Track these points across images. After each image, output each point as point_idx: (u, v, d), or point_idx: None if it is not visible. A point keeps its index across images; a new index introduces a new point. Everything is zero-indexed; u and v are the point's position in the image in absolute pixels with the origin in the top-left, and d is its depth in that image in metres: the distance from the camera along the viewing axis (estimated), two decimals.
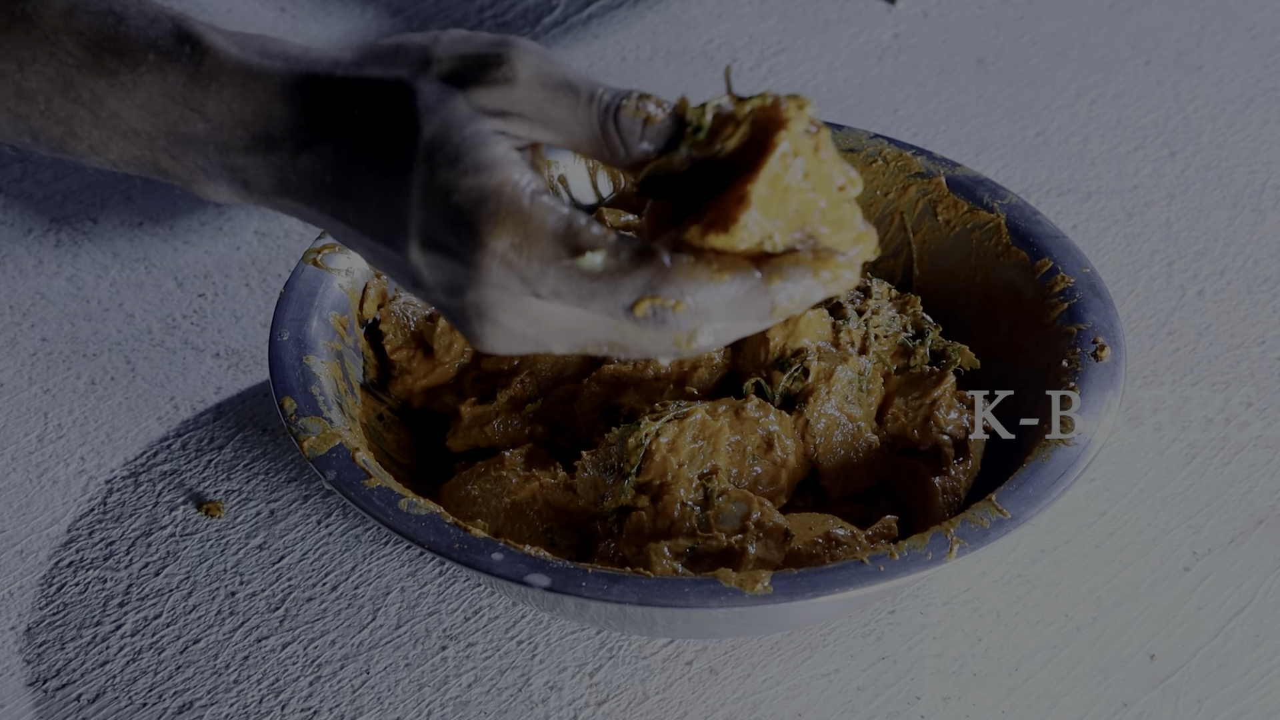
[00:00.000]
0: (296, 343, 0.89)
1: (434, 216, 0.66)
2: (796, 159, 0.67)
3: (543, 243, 0.66)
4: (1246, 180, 1.17)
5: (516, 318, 0.67)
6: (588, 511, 0.86)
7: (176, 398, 1.01)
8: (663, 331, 0.67)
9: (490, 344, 0.69)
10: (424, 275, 0.68)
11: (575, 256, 0.66)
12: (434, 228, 0.66)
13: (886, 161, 1.01)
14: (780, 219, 0.68)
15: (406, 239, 0.67)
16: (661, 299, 0.66)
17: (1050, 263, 0.95)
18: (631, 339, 0.68)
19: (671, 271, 0.66)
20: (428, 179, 0.66)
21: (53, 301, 1.08)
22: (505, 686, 0.87)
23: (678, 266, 0.66)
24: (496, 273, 0.66)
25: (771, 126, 0.67)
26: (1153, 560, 0.93)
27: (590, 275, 0.66)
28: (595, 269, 0.66)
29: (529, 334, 0.68)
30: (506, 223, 0.65)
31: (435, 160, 0.66)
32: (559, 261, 0.66)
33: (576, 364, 0.94)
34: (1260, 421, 1.00)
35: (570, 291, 0.66)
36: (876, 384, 0.92)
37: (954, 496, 0.88)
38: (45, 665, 0.87)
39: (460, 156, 0.66)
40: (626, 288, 0.66)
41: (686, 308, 0.66)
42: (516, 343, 0.68)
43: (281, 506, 0.95)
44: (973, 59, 1.29)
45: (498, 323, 0.67)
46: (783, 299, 0.68)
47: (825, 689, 0.87)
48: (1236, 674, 0.87)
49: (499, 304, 0.67)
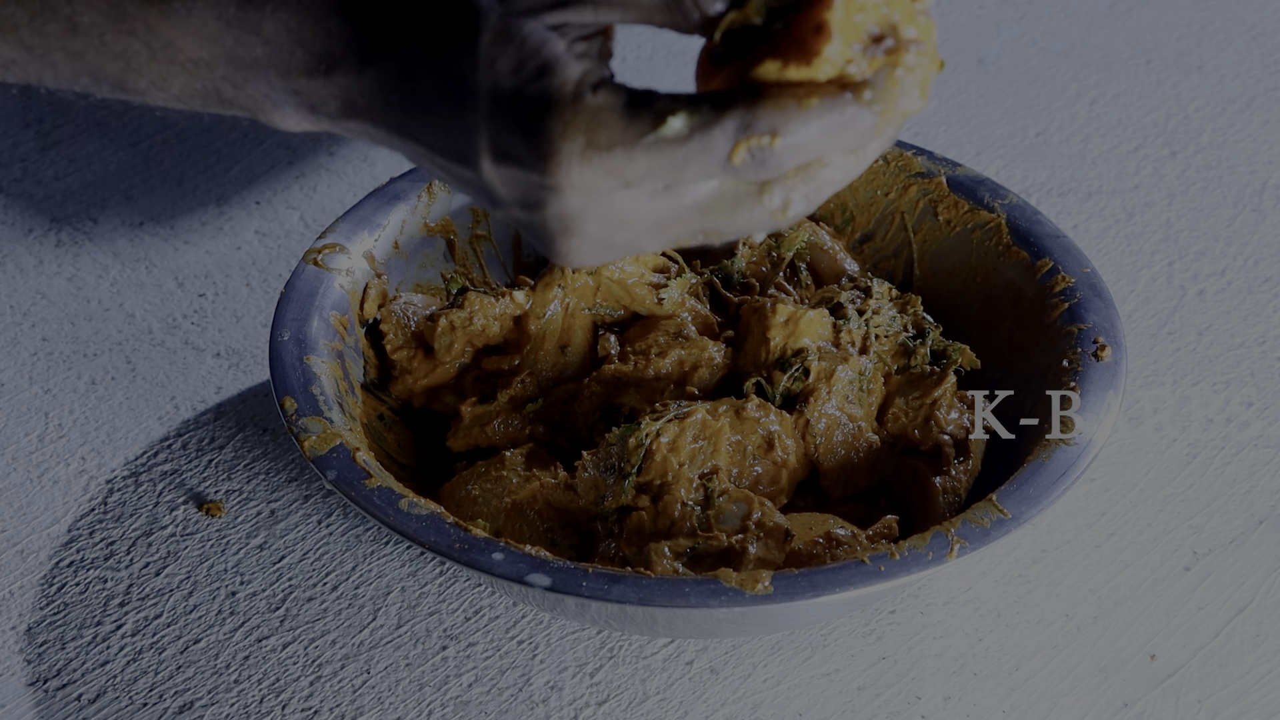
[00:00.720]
0: (297, 342, 0.89)
1: (503, 126, 0.64)
2: None
3: (618, 128, 0.63)
4: (1247, 180, 1.17)
5: (603, 223, 0.65)
6: (588, 511, 0.86)
7: (177, 397, 1.01)
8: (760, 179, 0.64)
9: (579, 257, 0.66)
10: (500, 191, 0.65)
11: (656, 128, 0.63)
12: (504, 139, 0.64)
13: (887, 161, 1.01)
14: (859, 41, 0.65)
15: (478, 154, 0.65)
16: (756, 136, 0.63)
17: (1051, 262, 0.95)
18: (726, 213, 0.65)
19: (758, 107, 0.63)
20: (492, 87, 0.64)
21: (53, 301, 1.08)
22: (506, 686, 0.87)
23: (763, 101, 0.63)
24: (577, 174, 0.63)
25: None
26: (1153, 560, 0.93)
27: (678, 140, 0.63)
28: (681, 133, 0.63)
29: (618, 238, 0.65)
30: (575, 122, 0.63)
31: (498, 67, 0.64)
32: (641, 140, 0.63)
33: (577, 364, 0.94)
34: (1261, 421, 1.00)
35: (663, 165, 0.63)
36: (877, 384, 0.92)
37: (954, 496, 0.88)
38: (46, 665, 0.87)
39: (523, 61, 0.64)
40: (719, 138, 0.63)
41: (782, 143, 0.63)
42: (606, 250, 0.66)
43: (282, 506, 0.95)
44: (973, 59, 1.29)
45: (584, 234, 0.65)
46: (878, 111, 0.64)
47: (826, 689, 0.87)
48: (1237, 674, 0.87)
49: (582, 212, 0.64)
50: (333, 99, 0.68)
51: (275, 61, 0.67)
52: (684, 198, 0.65)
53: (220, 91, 0.69)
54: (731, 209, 0.65)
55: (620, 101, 0.64)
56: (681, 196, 0.65)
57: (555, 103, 0.63)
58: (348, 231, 0.96)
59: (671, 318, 0.95)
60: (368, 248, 0.96)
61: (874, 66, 0.65)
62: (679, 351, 0.92)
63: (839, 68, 0.64)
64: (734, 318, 0.96)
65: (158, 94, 0.70)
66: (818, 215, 1.02)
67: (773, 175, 0.65)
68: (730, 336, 0.94)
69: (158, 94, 0.70)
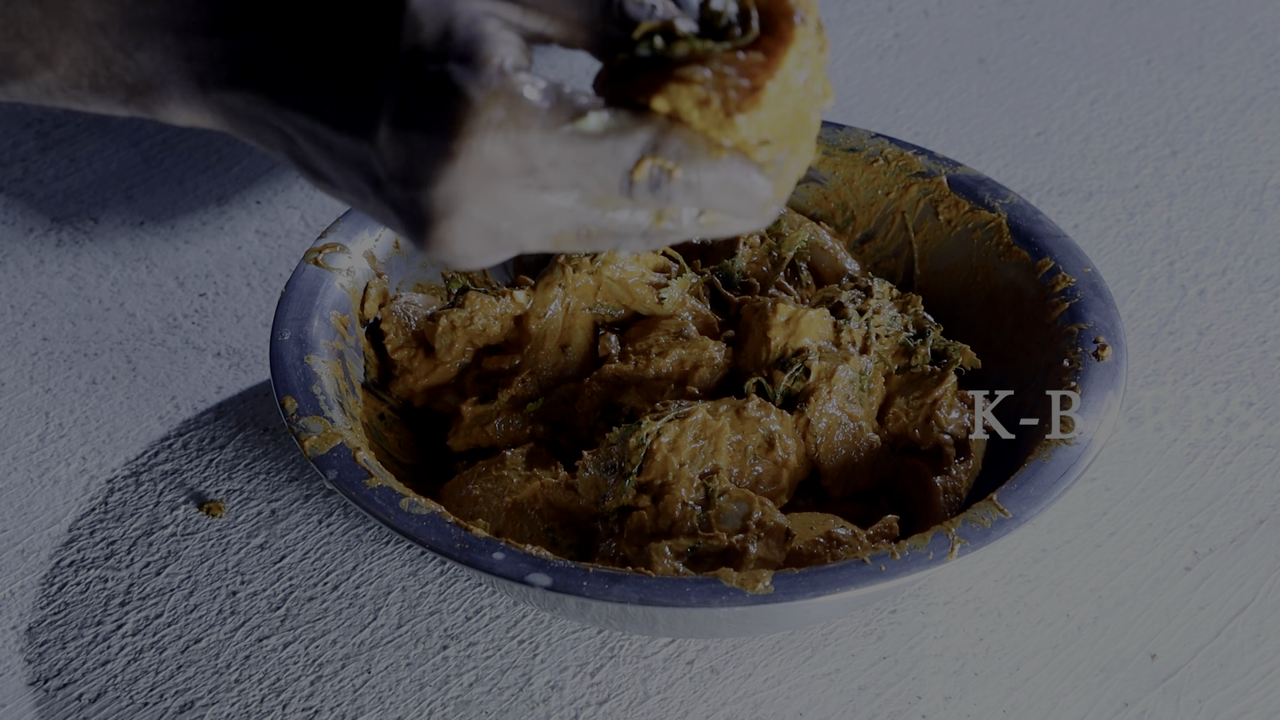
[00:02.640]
0: (298, 342, 0.89)
1: (416, 89, 0.62)
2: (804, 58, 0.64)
3: (538, 111, 0.62)
4: (1248, 180, 1.17)
5: (489, 208, 0.63)
6: (589, 511, 0.86)
7: (178, 397, 1.01)
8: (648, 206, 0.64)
9: (455, 244, 0.64)
10: (387, 164, 0.63)
11: (574, 120, 0.63)
12: (414, 102, 0.62)
13: (888, 161, 1.01)
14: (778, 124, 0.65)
15: (377, 119, 0.63)
16: (662, 160, 0.63)
17: (1051, 262, 0.95)
18: (607, 218, 0.64)
19: (671, 133, 0.63)
20: (413, 49, 0.62)
21: (54, 301, 1.08)
22: (506, 686, 0.87)
23: (678, 128, 0.64)
24: (488, 147, 0.62)
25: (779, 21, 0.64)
26: (1154, 560, 0.93)
27: (592, 138, 0.63)
28: (596, 130, 0.63)
29: (501, 227, 0.64)
30: (501, 95, 0.62)
31: (425, 33, 0.62)
32: (559, 128, 0.62)
33: (578, 364, 0.94)
34: (1261, 421, 1.00)
35: (571, 158, 0.63)
36: (878, 384, 0.92)
37: (955, 496, 0.88)
38: (46, 665, 0.87)
39: (452, 31, 0.62)
40: (628, 147, 0.63)
41: (680, 177, 0.64)
42: (485, 239, 0.64)
43: (283, 506, 0.95)
44: (974, 58, 1.29)
45: (468, 216, 0.63)
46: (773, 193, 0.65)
47: (826, 688, 0.87)
48: (1238, 673, 0.87)
49: (472, 193, 0.63)
50: (225, 63, 0.65)
51: (175, 17, 0.65)
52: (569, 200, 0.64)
53: (110, 64, 0.66)
54: (612, 213, 0.65)
55: (543, 87, 0.63)
56: (566, 198, 0.64)
57: (481, 72, 0.62)
58: (348, 231, 0.96)
59: (672, 317, 0.95)
60: (368, 247, 0.96)
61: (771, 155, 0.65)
62: (679, 351, 0.92)
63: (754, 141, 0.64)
64: (734, 317, 0.96)
65: (40, 74, 0.67)
66: (819, 215, 1.02)
67: (663, 205, 0.64)
68: (731, 336, 0.94)
69: (40, 74, 0.67)
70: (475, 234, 0.64)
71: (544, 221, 0.64)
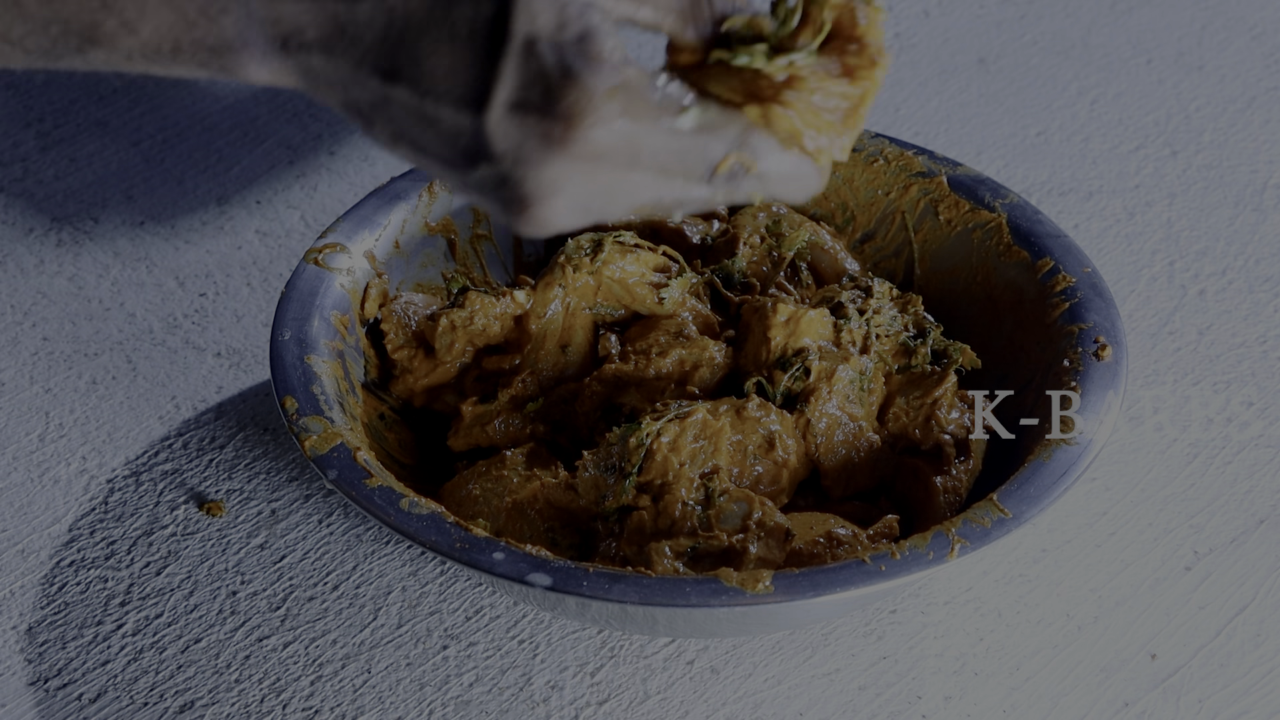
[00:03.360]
0: (298, 342, 0.89)
1: (534, 75, 0.64)
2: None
3: (649, 105, 0.66)
4: (1248, 180, 1.17)
5: (587, 189, 0.66)
6: (589, 511, 0.86)
7: (178, 397, 1.01)
8: (722, 189, 0.68)
9: (549, 222, 0.67)
10: (494, 141, 0.65)
11: (677, 115, 0.66)
12: (530, 87, 0.64)
13: (888, 161, 1.01)
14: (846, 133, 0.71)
15: (488, 99, 0.64)
16: (745, 157, 0.68)
17: (1052, 262, 0.95)
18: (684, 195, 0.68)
19: (754, 132, 0.68)
20: (530, 35, 0.64)
21: (54, 301, 1.08)
22: (506, 686, 0.87)
23: (758, 130, 0.68)
24: (600, 134, 0.64)
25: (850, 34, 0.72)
26: (1154, 560, 0.93)
27: (688, 134, 0.67)
28: (693, 127, 0.67)
29: (594, 204, 0.67)
30: (618, 88, 0.65)
31: (540, 20, 0.64)
32: (661, 122, 0.66)
33: (578, 364, 0.94)
34: (1261, 421, 1.00)
35: (670, 149, 0.66)
36: (878, 383, 0.92)
37: (955, 496, 0.88)
38: (46, 664, 0.87)
39: (566, 21, 0.64)
40: (718, 144, 0.67)
41: (757, 172, 0.68)
42: (576, 215, 0.67)
43: (283, 506, 0.95)
44: (974, 58, 1.29)
45: (568, 196, 0.66)
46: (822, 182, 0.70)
47: (827, 688, 0.87)
48: (1238, 673, 0.87)
49: (576, 175, 0.65)
50: (315, 25, 0.65)
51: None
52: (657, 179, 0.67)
53: (193, 27, 0.65)
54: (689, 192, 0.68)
55: (650, 81, 0.66)
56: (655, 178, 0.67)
57: (600, 64, 0.64)
58: (348, 231, 0.96)
59: (672, 317, 0.95)
60: (368, 247, 0.96)
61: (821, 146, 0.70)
62: (680, 351, 0.92)
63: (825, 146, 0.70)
64: (735, 317, 0.96)
65: (123, 40, 0.66)
66: (819, 215, 1.02)
67: (734, 189, 0.69)
68: (731, 336, 0.94)
69: (123, 40, 0.66)
70: (570, 211, 0.67)
71: (630, 197, 0.67)
